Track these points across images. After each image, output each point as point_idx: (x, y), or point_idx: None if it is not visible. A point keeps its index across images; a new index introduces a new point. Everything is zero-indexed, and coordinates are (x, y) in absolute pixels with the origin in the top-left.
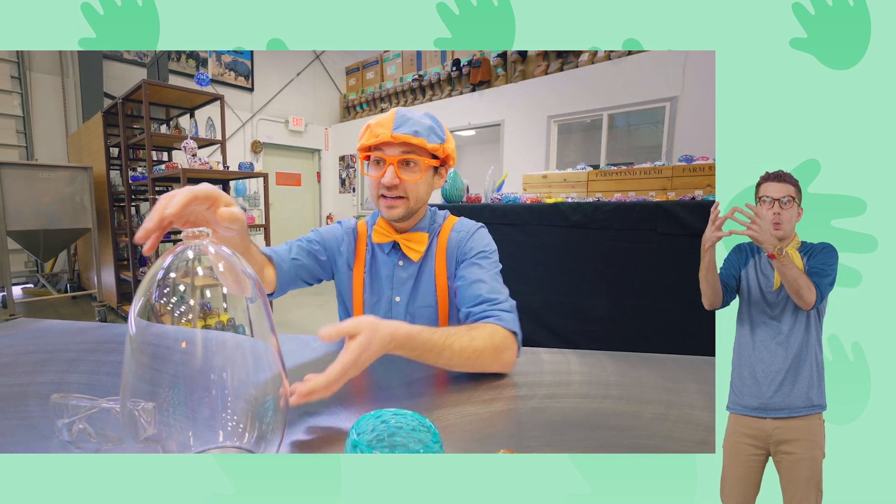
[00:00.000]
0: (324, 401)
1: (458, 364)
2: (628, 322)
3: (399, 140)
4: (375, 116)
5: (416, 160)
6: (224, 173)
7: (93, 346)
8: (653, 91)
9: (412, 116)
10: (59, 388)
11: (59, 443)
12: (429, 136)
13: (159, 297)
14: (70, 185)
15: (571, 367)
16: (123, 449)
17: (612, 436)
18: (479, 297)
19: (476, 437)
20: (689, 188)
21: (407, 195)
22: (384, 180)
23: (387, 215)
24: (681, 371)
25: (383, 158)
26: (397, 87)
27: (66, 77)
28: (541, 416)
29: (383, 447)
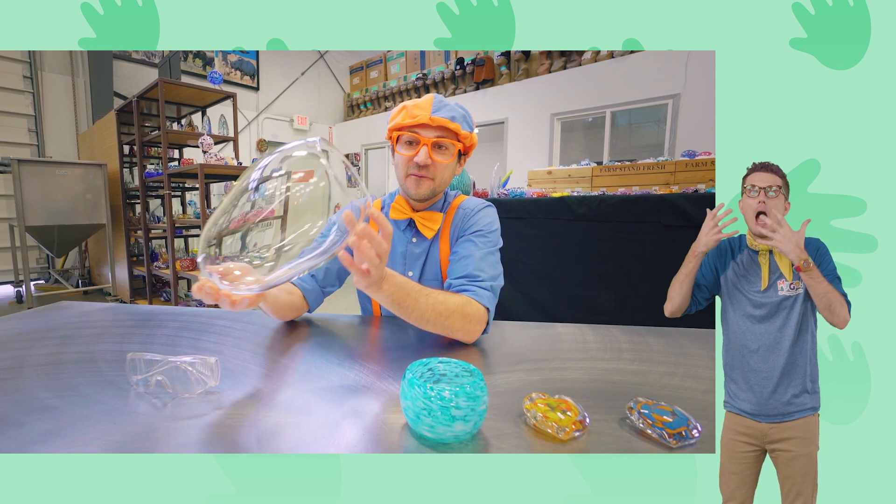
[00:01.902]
0: (362, 366)
1: (427, 317)
2: (635, 313)
3: (437, 123)
4: (411, 100)
5: (449, 144)
6: (238, 169)
7: (139, 322)
8: (655, 88)
9: (448, 103)
10: (122, 354)
11: (135, 394)
12: (462, 123)
13: None
14: (84, 181)
15: (586, 338)
16: (186, 402)
17: (626, 388)
18: (462, 271)
19: (510, 389)
20: (692, 182)
21: (434, 176)
22: (418, 158)
23: (414, 192)
24: (687, 340)
25: (417, 139)
26: (401, 86)
27: (77, 77)
28: (562, 374)
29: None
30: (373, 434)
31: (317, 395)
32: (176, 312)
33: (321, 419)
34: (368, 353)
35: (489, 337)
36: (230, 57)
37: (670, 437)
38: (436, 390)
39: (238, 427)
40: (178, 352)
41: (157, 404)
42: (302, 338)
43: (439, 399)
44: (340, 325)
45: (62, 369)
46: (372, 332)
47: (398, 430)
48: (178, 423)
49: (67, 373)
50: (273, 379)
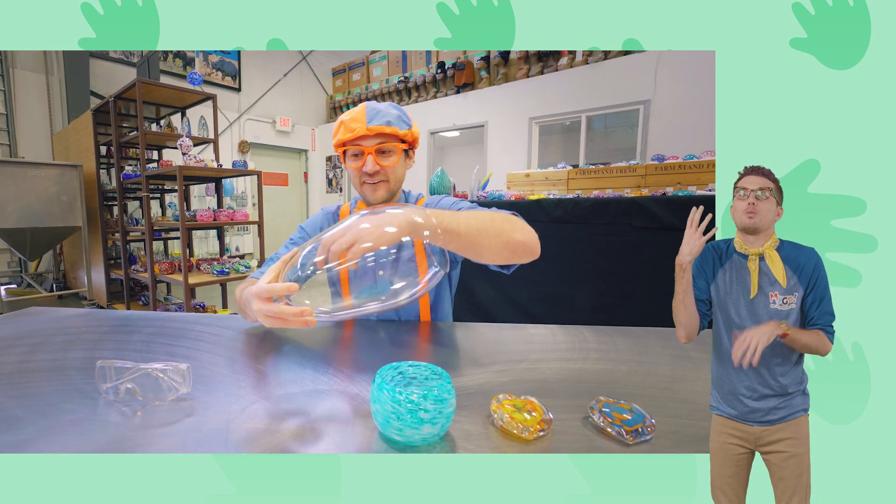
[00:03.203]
0: (335, 369)
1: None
2: (609, 311)
3: (374, 131)
4: (346, 113)
5: (391, 147)
6: (218, 171)
7: (113, 328)
8: (627, 94)
9: (381, 108)
10: (93, 362)
11: (104, 403)
12: (399, 124)
13: None
14: (59, 183)
15: (557, 339)
16: (159, 409)
17: (592, 387)
18: None
19: (478, 391)
20: (662, 185)
21: (388, 178)
22: (366, 168)
23: (372, 198)
24: (653, 339)
25: (361, 150)
26: (383, 89)
27: (51, 75)
28: (531, 374)
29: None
30: (345, 437)
31: (290, 400)
32: (151, 318)
33: (294, 424)
34: (341, 356)
35: (461, 338)
36: (211, 58)
37: (628, 434)
38: (404, 394)
39: (210, 434)
40: (151, 358)
41: (127, 412)
42: (276, 343)
43: (408, 402)
44: (314, 330)
45: (30, 378)
46: (345, 336)
47: (369, 433)
48: (148, 432)
49: (35, 381)
50: (246, 385)
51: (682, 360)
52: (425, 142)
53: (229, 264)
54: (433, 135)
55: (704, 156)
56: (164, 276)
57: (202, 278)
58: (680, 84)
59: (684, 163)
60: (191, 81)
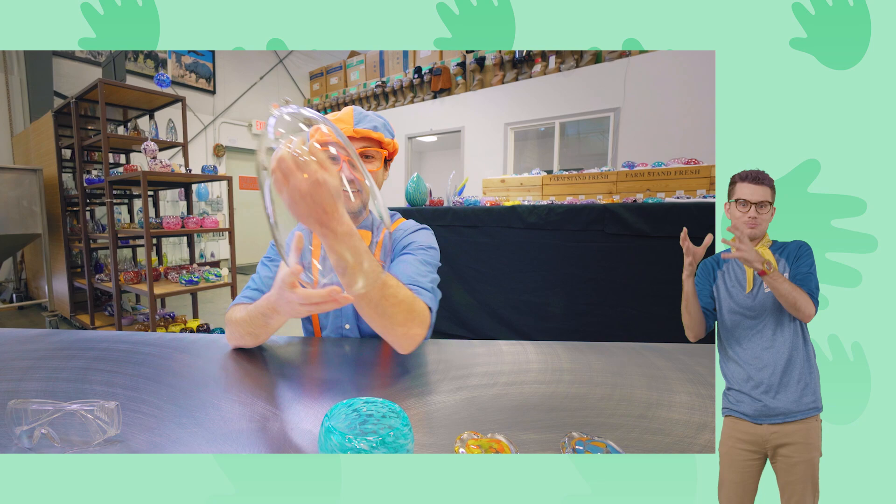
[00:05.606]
0: (293, 395)
1: (376, 302)
2: (583, 317)
3: (361, 134)
4: (332, 114)
5: (375, 153)
6: (186, 176)
7: (49, 352)
8: (598, 102)
9: (368, 114)
10: (15, 396)
11: (17, 451)
12: (384, 131)
13: None
14: (17, 187)
15: (529, 357)
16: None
17: (565, 416)
18: (401, 276)
19: (443, 423)
20: (632, 192)
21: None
22: None
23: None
24: (624, 356)
25: None
26: (360, 93)
27: (11, 74)
28: (501, 402)
29: (355, 434)
30: None
31: (230, 440)
32: (97, 339)
33: None
34: (300, 379)
35: (430, 357)
36: (184, 59)
37: None
38: (353, 443)
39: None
40: (86, 389)
41: None
42: (230, 367)
43: (358, 453)
44: (279, 346)
45: None
46: (311, 352)
47: None
48: None
49: None
50: (187, 422)
51: (657, 381)
52: (403, 146)
53: (199, 273)
54: (411, 139)
55: (672, 163)
56: (129, 285)
57: (169, 288)
58: (647, 93)
59: (653, 170)
60: (157, 83)
